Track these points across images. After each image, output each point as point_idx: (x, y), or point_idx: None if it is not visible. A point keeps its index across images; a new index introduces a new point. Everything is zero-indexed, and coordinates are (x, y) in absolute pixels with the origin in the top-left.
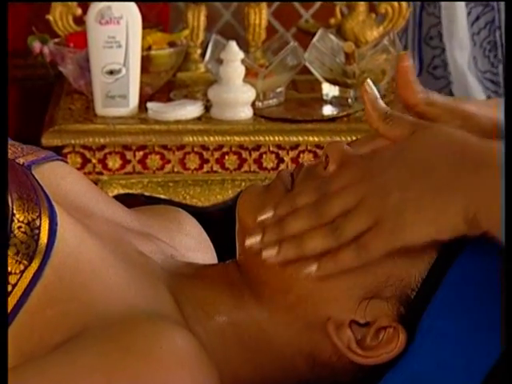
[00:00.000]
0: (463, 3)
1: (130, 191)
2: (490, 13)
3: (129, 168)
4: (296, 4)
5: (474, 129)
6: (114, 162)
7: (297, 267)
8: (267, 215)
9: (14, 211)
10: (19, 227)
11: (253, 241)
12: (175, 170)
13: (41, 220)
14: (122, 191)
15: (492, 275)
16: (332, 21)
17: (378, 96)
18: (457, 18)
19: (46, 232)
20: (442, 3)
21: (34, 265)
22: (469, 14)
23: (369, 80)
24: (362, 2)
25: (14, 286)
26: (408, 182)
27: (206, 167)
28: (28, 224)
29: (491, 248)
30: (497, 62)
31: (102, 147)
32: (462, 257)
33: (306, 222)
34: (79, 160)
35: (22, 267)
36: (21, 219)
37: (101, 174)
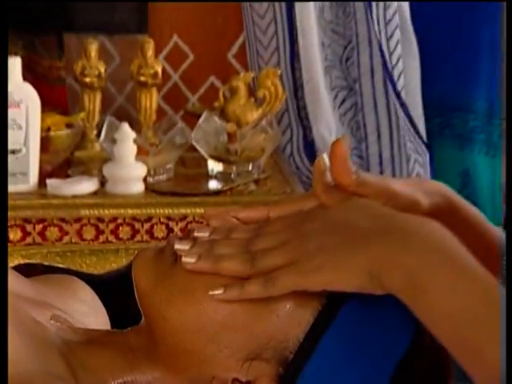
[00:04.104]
0: (326, 89)
1: (30, 261)
2: (354, 96)
3: (29, 240)
4: (183, 88)
5: (395, 207)
6: (15, 235)
7: (198, 314)
8: (203, 234)
9: None
10: None
11: (179, 246)
12: (73, 240)
13: None
14: (22, 261)
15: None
16: (216, 104)
17: (326, 170)
18: (322, 102)
19: None
20: (306, 88)
21: None
22: (335, 97)
23: (324, 155)
24: (242, 87)
25: None
26: (328, 233)
27: (101, 238)
28: None
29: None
30: (362, 139)
31: None
32: (338, 320)
33: (232, 249)
34: None
35: None
36: None
37: None
